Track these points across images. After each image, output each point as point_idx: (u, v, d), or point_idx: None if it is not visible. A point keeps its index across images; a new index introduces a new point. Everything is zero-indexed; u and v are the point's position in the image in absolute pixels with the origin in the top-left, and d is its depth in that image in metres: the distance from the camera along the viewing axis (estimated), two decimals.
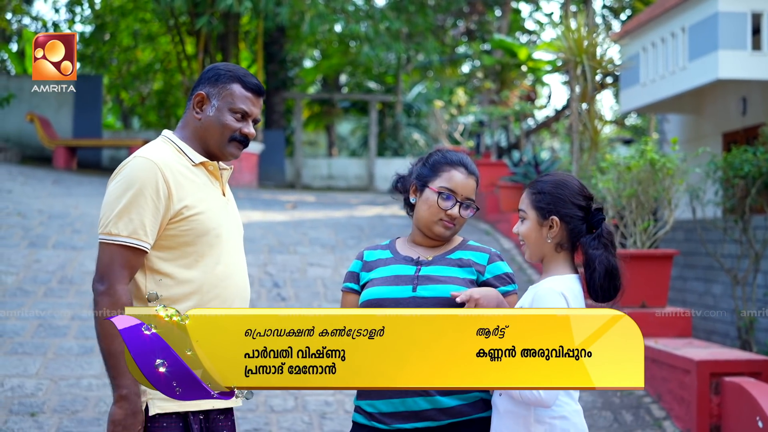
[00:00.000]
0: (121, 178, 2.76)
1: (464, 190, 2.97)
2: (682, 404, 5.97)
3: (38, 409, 5.94)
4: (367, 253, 3.09)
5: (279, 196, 15.78)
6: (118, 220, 2.71)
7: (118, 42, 22.76)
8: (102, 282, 2.68)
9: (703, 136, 14.55)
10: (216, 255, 2.84)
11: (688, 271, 13.28)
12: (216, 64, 2.99)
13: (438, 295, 2.84)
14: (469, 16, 25.59)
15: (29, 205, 11.22)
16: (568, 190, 2.81)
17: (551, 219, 2.79)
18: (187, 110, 2.95)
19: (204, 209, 2.83)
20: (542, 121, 26.32)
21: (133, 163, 2.77)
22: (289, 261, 9.39)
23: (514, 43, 15.67)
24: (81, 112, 19.12)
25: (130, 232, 2.70)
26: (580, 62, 8.27)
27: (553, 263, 2.82)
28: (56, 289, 8.08)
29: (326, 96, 25.12)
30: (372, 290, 2.94)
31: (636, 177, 6.99)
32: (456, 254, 2.97)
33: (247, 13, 17.08)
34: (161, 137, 2.94)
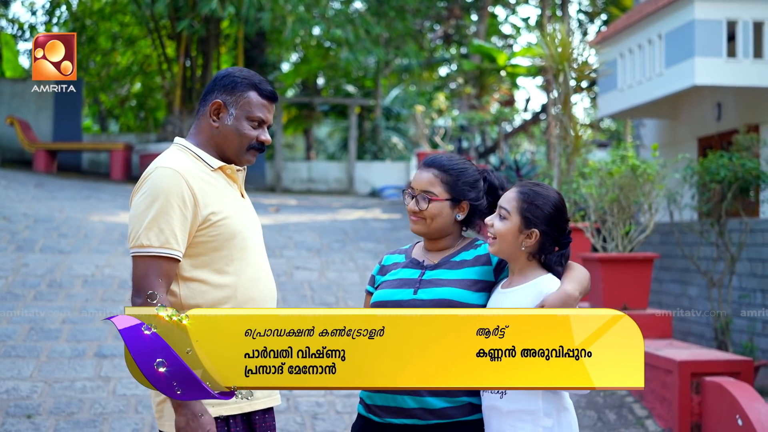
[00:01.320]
0: (147, 189, 2.78)
1: (417, 183, 3.07)
2: (663, 403, 6.16)
3: (34, 411, 6.02)
4: (387, 257, 3.22)
5: (260, 200, 15.86)
6: (149, 231, 2.73)
7: (97, 45, 22.73)
8: (138, 295, 2.69)
9: (679, 141, 14.79)
10: (246, 257, 2.90)
11: (664, 274, 13.51)
12: (230, 69, 3.00)
13: (436, 297, 2.93)
14: (446, 20, 25.79)
15: (14, 208, 11.26)
16: (560, 215, 2.93)
17: (532, 231, 2.90)
18: (201, 117, 2.96)
19: (229, 213, 2.87)
20: (519, 124, 26.57)
21: (157, 174, 2.79)
22: (275, 264, 9.51)
23: (493, 48, 15.85)
24: (61, 116, 19.10)
25: (162, 243, 2.72)
26: (561, 69, 8.45)
27: (530, 269, 2.94)
28: (45, 292, 8.15)
29: (306, 100, 25.20)
30: (378, 293, 3.07)
31: (617, 182, 7.17)
32: (460, 255, 3.06)
33: (229, 18, 17.15)
34: (175, 145, 2.95)
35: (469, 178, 3.08)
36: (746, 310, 10.72)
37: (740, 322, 10.76)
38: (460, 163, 3.11)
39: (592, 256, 7.25)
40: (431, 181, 3.07)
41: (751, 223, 9.77)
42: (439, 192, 3.05)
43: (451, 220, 3.07)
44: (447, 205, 3.05)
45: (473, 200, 3.06)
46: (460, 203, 3.06)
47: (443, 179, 3.06)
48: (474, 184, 3.08)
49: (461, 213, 3.07)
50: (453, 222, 3.07)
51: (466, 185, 3.06)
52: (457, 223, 3.09)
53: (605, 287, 7.11)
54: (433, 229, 3.07)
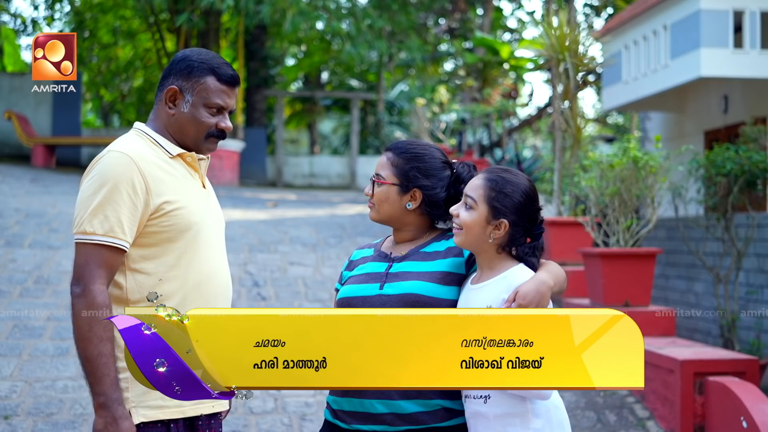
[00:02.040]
0: (95, 174, 2.62)
1: (376, 167, 2.92)
2: (666, 404, 5.93)
3: (12, 411, 5.82)
4: (355, 252, 3.04)
5: (260, 195, 15.66)
6: (93, 218, 2.57)
7: (98, 39, 22.58)
8: (78, 284, 2.54)
9: (685, 134, 14.55)
10: (199, 251, 2.72)
11: (670, 270, 13.27)
12: (187, 52, 2.81)
13: (401, 291, 2.74)
14: (451, 14, 25.58)
15: (6, 203, 11.07)
16: (530, 202, 2.72)
17: (501, 222, 2.69)
18: (157, 102, 2.79)
19: (185, 203, 2.69)
20: (525, 119, 26.34)
21: (107, 158, 2.63)
22: (269, 260, 9.30)
23: (497, 40, 15.63)
24: (60, 110, 18.95)
25: (106, 231, 2.56)
26: (562, 60, 8.22)
27: (499, 262, 2.73)
28: (32, 289, 7.95)
29: (308, 94, 25.02)
30: (344, 289, 2.88)
31: (619, 175, 6.94)
32: (431, 246, 2.87)
33: (228, 11, 16.96)
34: (134, 130, 2.78)
35: (425, 165, 2.85)
36: (754, 307, 10.48)
37: (747, 319, 10.51)
38: (418, 148, 2.89)
39: (593, 251, 7.01)
40: (383, 164, 2.90)
41: (759, 218, 9.52)
42: (387, 175, 2.86)
43: (401, 208, 2.86)
44: (394, 190, 2.85)
45: (426, 189, 2.83)
46: (410, 190, 2.84)
47: (394, 162, 2.87)
48: (430, 172, 2.84)
49: (412, 202, 2.85)
50: (403, 210, 2.86)
51: (419, 171, 2.83)
52: (414, 213, 2.87)
53: (606, 283, 6.87)
54: (384, 216, 2.89)
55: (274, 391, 6.16)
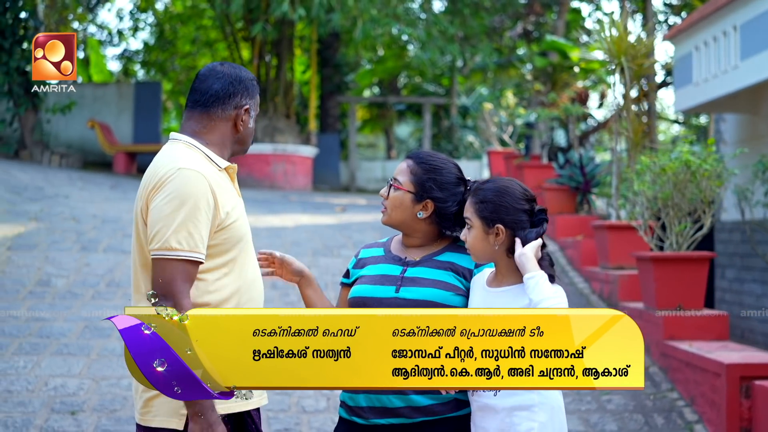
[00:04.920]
0: (172, 192, 2.73)
1: (396, 172, 3.05)
2: (713, 408, 5.92)
3: (78, 408, 6.14)
4: (363, 251, 3.18)
5: (331, 199, 15.92)
6: (177, 234, 2.69)
7: (178, 49, 23.21)
8: (166, 298, 2.65)
9: (759, 135, 14.27)
10: (246, 260, 2.90)
11: (745, 273, 13.05)
12: (239, 70, 2.97)
13: (419, 297, 2.89)
14: (526, 17, 25.47)
15: (84, 209, 11.54)
16: (510, 197, 2.85)
17: (496, 227, 2.84)
18: (216, 117, 2.90)
19: (238, 215, 2.88)
20: (601, 121, 26.04)
21: (183, 176, 2.75)
22: (331, 264, 9.51)
23: (566, 44, 15.57)
24: (141, 118, 19.56)
25: (192, 247, 2.70)
26: (618, 64, 8.23)
27: (512, 268, 2.87)
28: (104, 292, 8.32)
29: (380, 99, 25.24)
30: (358, 288, 3.02)
31: (671, 179, 6.93)
32: (444, 255, 3.00)
33: (300, 20, 17.30)
34: (183, 143, 2.88)
35: (441, 178, 2.99)
36: None
37: None
38: (438, 161, 3.03)
39: (645, 254, 7.02)
40: (402, 170, 3.05)
41: None
42: (405, 182, 3.01)
43: (412, 215, 3.00)
44: (409, 197, 2.99)
45: (438, 201, 2.97)
46: (424, 200, 2.97)
47: (413, 170, 3.02)
48: (445, 186, 2.99)
49: (424, 211, 3.00)
50: (414, 218, 3.00)
51: (435, 183, 2.98)
52: (423, 221, 3.00)
53: (658, 287, 6.88)
54: (395, 221, 3.03)
55: (327, 391, 6.34)
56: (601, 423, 6.10)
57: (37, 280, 8.47)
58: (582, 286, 9.00)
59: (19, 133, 17.11)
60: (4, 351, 6.91)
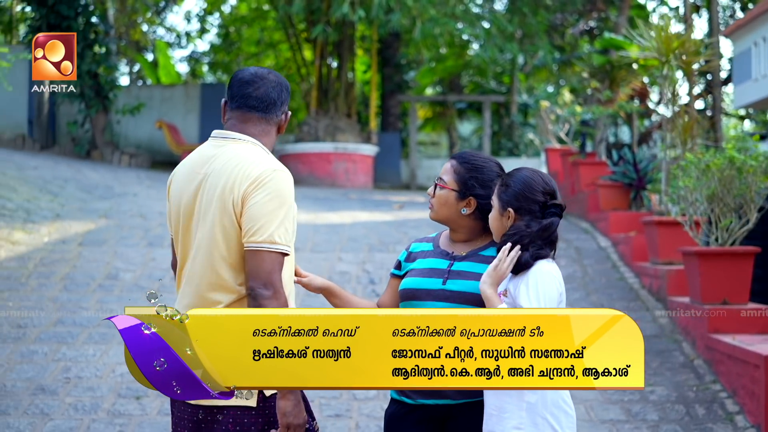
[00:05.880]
0: (273, 190, 2.92)
1: (441, 172, 3.26)
2: (753, 399, 6.05)
3: (143, 393, 6.51)
4: (414, 245, 3.39)
5: (390, 197, 16.20)
6: (279, 229, 2.89)
7: (243, 50, 23.74)
8: (267, 288, 2.83)
9: None
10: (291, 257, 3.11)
11: None
12: (277, 76, 3.16)
13: (465, 290, 3.11)
14: (588, 14, 25.40)
15: (151, 207, 12.01)
16: (528, 187, 3.06)
17: (508, 211, 3.06)
18: (271, 122, 3.10)
19: None
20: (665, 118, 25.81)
21: (281, 177, 2.95)
22: (386, 259, 9.78)
23: (623, 41, 15.59)
24: (207, 119, 20.04)
25: (287, 241, 2.92)
26: (667, 61, 8.34)
27: None
28: (168, 285, 8.72)
29: (440, 98, 25.44)
30: (408, 280, 3.25)
31: (716, 175, 7.04)
32: (488, 251, 3.21)
33: (360, 21, 17.62)
34: (252, 145, 3.05)
35: (483, 176, 3.20)
36: None
37: None
38: (479, 160, 3.24)
39: (691, 249, 7.15)
40: (447, 170, 3.26)
41: None
42: (449, 181, 3.22)
43: (456, 212, 3.21)
44: (453, 195, 3.20)
45: (480, 198, 3.19)
46: (467, 197, 3.21)
47: (457, 170, 3.23)
48: (486, 183, 3.19)
49: (468, 208, 3.20)
50: (458, 214, 3.21)
51: (477, 182, 3.19)
52: (467, 217, 3.21)
53: (704, 281, 7.00)
54: (441, 217, 3.24)
55: None
56: (642, 413, 6.27)
57: (106, 274, 8.91)
58: (633, 281, 9.12)
59: (90, 134, 17.77)
60: (75, 340, 7.33)
